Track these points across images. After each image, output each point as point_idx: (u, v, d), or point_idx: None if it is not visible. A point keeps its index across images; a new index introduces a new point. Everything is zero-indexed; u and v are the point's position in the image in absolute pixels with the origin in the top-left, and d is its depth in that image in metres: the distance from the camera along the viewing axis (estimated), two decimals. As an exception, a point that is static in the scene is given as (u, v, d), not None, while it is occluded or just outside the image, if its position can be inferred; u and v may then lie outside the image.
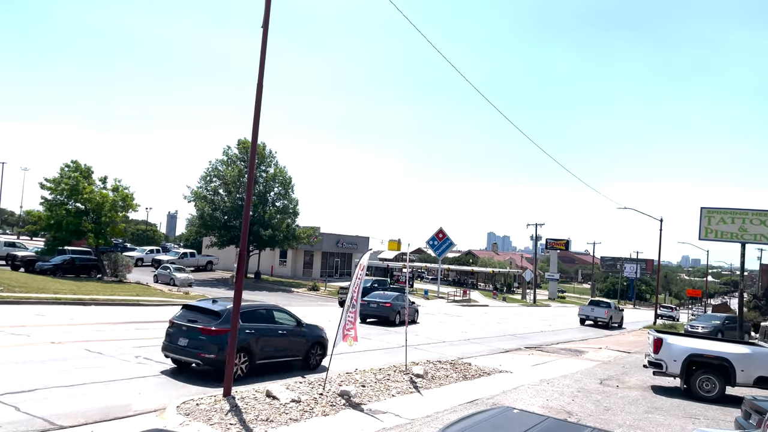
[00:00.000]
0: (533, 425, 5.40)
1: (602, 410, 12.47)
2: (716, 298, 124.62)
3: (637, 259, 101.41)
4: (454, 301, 54.07)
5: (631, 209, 47.87)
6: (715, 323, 34.54)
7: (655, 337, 15.75)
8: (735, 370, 14.67)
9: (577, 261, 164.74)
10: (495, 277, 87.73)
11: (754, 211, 28.84)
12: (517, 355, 21.22)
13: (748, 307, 63.34)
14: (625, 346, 27.45)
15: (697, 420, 12.37)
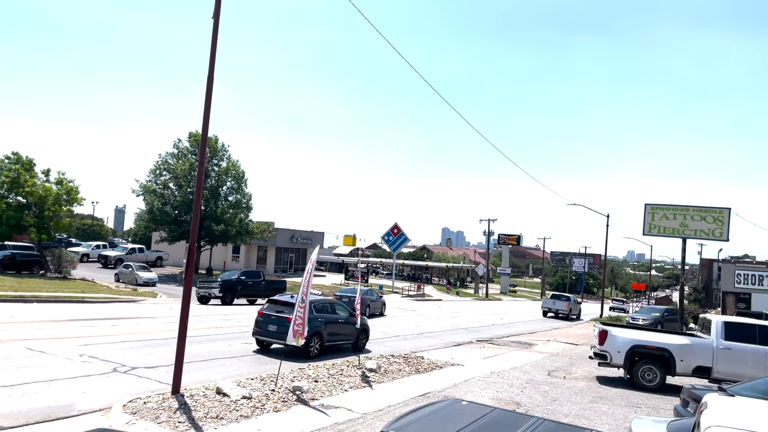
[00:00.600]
0: (480, 416, 5.52)
1: (550, 401, 12.81)
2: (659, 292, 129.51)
3: (585, 253, 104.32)
4: (409, 295, 54.46)
5: (580, 205, 49.16)
6: (655, 315, 35.95)
7: (601, 329, 16.27)
8: (675, 360, 15.31)
9: (528, 256, 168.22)
10: (449, 272, 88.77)
11: (695, 208, 30.00)
12: (469, 348, 21.57)
13: (688, 299, 66.16)
14: (573, 339, 28.26)
15: (639, 408, 12.85)
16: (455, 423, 5.16)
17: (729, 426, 4.01)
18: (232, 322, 23.41)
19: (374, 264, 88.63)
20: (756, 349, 14.99)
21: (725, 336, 15.35)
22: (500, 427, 5.19)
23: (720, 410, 4.43)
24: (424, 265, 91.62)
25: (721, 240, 29.22)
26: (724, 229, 29.40)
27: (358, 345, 18.72)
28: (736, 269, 41.46)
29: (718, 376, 14.89)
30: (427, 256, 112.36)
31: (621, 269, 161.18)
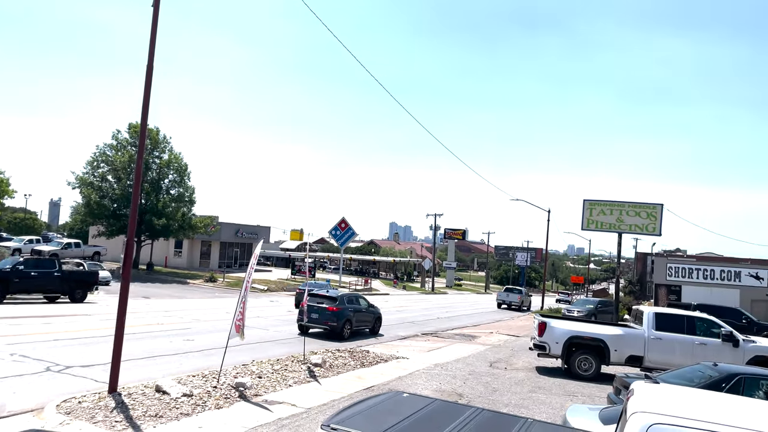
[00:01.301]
0: (421, 408, 5.62)
1: (491, 391, 13.14)
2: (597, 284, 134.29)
3: (527, 248, 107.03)
4: (356, 290, 54.56)
5: (523, 201, 50.47)
6: (589, 307, 37.30)
7: (540, 321, 16.78)
8: (609, 350, 15.96)
9: (473, 250, 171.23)
10: (396, 266, 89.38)
11: (630, 204, 31.25)
12: (414, 342, 21.82)
13: (624, 292, 68.95)
14: (515, 331, 29.01)
15: (575, 397, 13.35)
16: (396, 415, 5.24)
17: (651, 411, 4.22)
18: (174, 318, 22.88)
19: (322, 259, 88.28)
20: (684, 339, 15.81)
21: (656, 326, 16.10)
22: (439, 418, 5.31)
23: (645, 397, 4.66)
24: (372, 259, 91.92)
25: (654, 234, 30.50)
26: (657, 224, 30.70)
27: (375, 329, 23.53)
28: (668, 263, 43.50)
29: (650, 364, 15.62)
30: (375, 250, 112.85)
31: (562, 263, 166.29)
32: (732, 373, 9.98)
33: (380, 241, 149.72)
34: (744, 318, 28.06)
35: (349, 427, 4.81)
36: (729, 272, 39.30)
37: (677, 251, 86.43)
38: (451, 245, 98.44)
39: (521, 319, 38.09)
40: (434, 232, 79.78)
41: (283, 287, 46.12)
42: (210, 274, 47.36)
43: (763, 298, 36.19)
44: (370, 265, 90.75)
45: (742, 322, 26.57)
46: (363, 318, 22.77)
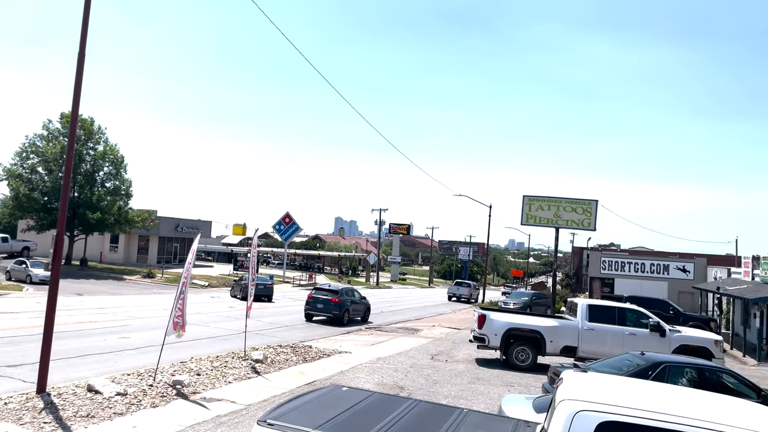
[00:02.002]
0: (360, 401, 5.67)
1: (431, 383, 13.35)
2: (536, 278, 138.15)
3: (470, 242, 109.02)
4: (300, 285, 54.17)
5: (465, 196, 51.25)
6: (524, 299, 38.40)
7: (480, 313, 17.15)
8: (545, 341, 16.49)
9: (418, 245, 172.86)
10: (341, 261, 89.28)
11: (567, 200, 32.23)
12: (358, 336, 21.89)
13: (561, 285, 71.22)
14: (456, 324, 29.53)
15: (512, 387, 13.73)
16: (334, 408, 5.27)
17: (578, 399, 4.40)
18: (109, 315, 22.11)
19: (265, 254, 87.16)
20: (615, 329, 16.51)
21: (589, 318, 16.74)
22: (377, 410, 5.37)
23: (572, 385, 4.85)
24: (317, 254, 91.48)
25: (589, 229, 31.58)
26: (592, 219, 31.77)
27: (365, 317, 28.07)
28: (602, 257, 45.26)
29: (583, 354, 16.23)
30: (320, 245, 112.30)
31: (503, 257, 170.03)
32: (658, 362, 10.51)
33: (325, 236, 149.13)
34: (671, 309, 29.53)
35: (286, 422, 4.80)
36: (658, 265, 41.25)
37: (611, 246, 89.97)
38: (395, 240, 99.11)
39: (463, 312, 38.77)
40: (379, 227, 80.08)
41: (224, 283, 45.27)
42: (148, 270, 45.95)
43: (689, 290, 38.16)
44: (314, 260, 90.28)
45: (670, 313, 27.95)
46: (357, 308, 27.44)
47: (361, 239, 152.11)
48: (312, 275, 62.43)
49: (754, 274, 27.67)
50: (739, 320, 29.57)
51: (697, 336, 16.64)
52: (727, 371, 10.86)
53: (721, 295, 30.92)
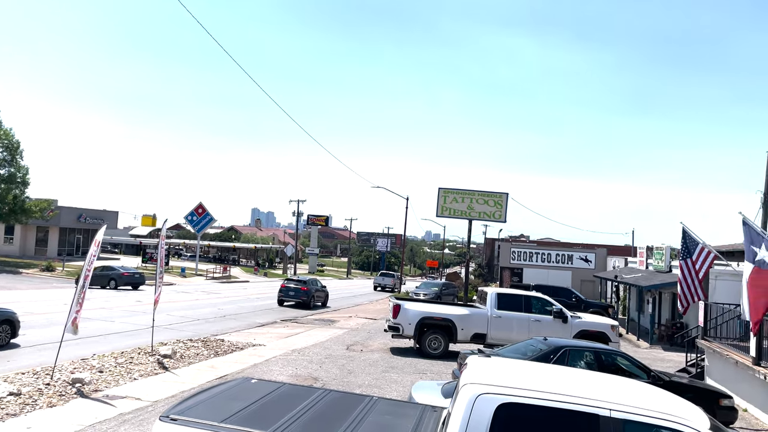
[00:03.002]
0: (269, 392, 5.62)
1: (346, 373, 13.44)
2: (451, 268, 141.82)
3: (388, 234, 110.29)
4: (213, 278, 52.73)
5: (383, 188, 51.75)
6: (434, 290, 39.36)
7: (395, 303, 17.42)
8: (457, 328, 17.00)
9: (336, 236, 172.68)
10: (257, 253, 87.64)
11: (480, 192, 33.21)
12: (273, 329, 21.64)
13: (474, 274, 73.54)
14: (372, 314, 29.83)
15: (425, 374, 14.07)
16: (242, 401, 5.20)
17: (480, 382, 4.59)
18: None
19: (177, 246, 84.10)
20: (521, 317, 17.28)
21: (498, 306, 17.42)
22: (287, 401, 5.35)
23: (475, 369, 5.05)
24: (232, 246, 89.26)
25: (500, 221, 32.71)
26: (503, 211, 32.91)
27: (325, 302, 33.78)
28: (511, 247, 47.13)
29: (492, 341, 16.86)
30: (235, 237, 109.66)
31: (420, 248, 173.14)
32: (559, 346, 11.10)
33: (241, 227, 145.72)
34: (574, 296, 31.27)
35: (191, 416, 4.68)
36: (563, 255, 43.50)
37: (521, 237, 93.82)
38: (314, 231, 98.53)
39: (380, 303, 39.20)
40: (297, 219, 79.32)
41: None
42: (47, 263, 43.12)
43: (590, 278, 40.51)
44: (229, 252, 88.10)
45: (572, 301, 29.60)
46: (319, 294, 33.44)
47: (278, 231, 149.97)
48: (227, 267, 60.92)
49: (648, 263, 29.75)
50: (634, 306, 31.78)
51: (596, 322, 17.73)
52: (621, 354, 11.64)
53: (619, 283, 33.07)
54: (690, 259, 13.80)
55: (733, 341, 15.03)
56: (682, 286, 13.84)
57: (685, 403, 4.79)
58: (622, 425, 4.23)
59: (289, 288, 31.86)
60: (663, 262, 26.94)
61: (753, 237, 10.20)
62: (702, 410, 4.88)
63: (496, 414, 4.34)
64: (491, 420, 4.31)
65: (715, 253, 13.54)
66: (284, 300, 31.65)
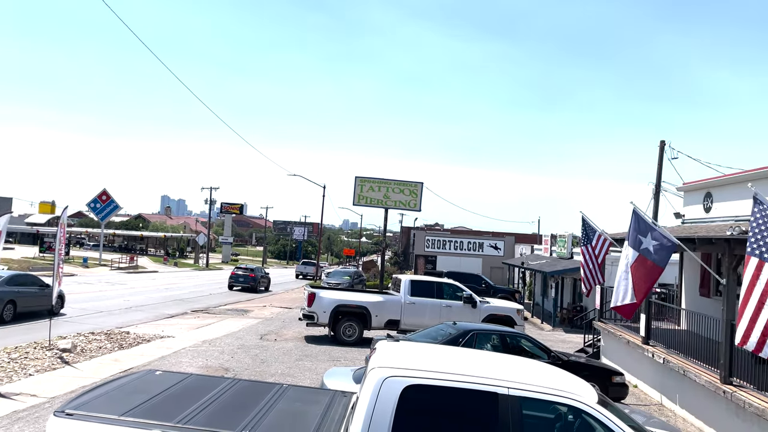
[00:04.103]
0: (174, 384, 5.48)
1: (259, 363, 13.29)
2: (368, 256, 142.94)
3: (305, 222, 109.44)
4: (119, 268, 50.30)
5: (300, 176, 51.19)
6: (346, 278, 39.59)
7: (310, 292, 17.38)
8: (371, 315, 17.22)
9: (252, 225, 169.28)
10: (167, 242, 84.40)
11: (395, 181, 33.58)
12: (182, 320, 20.99)
13: (390, 263, 74.52)
14: (288, 303, 29.60)
15: (339, 362, 14.16)
16: (145, 393, 5.04)
17: (387, 366, 4.70)
18: None
19: (79, 234, 79.46)
20: (433, 302, 17.75)
21: (411, 292, 17.80)
22: (193, 393, 5.23)
23: (384, 354, 5.16)
24: (139, 235, 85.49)
25: (415, 210, 33.25)
26: (418, 200, 33.45)
27: (267, 287, 39.27)
28: (426, 236, 48.16)
29: (405, 326, 17.21)
30: (143, 225, 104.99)
31: (337, 237, 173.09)
32: (467, 330, 11.52)
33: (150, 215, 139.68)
34: (483, 282, 32.45)
35: (89, 410, 4.50)
36: (474, 243, 44.99)
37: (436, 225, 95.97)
38: (228, 220, 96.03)
39: (295, 292, 38.92)
40: (210, 206, 76.90)
41: (28, 267, 40.45)
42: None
43: (499, 265, 42.17)
44: (137, 241, 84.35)
45: (482, 286, 30.70)
46: (263, 280, 38.58)
47: (190, 219, 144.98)
48: (133, 257, 58.30)
49: (552, 250, 31.36)
50: (539, 291, 33.42)
51: (503, 306, 18.52)
52: (525, 336, 12.24)
53: (525, 270, 34.64)
54: (590, 246, 14.66)
55: (625, 323, 16.17)
56: (585, 271, 14.68)
57: (577, 380, 5.13)
58: (518, 402, 4.48)
59: (239, 275, 36.88)
60: (565, 249, 28.49)
61: (641, 226, 10.97)
62: (592, 386, 5.26)
63: (403, 396, 4.46)
64: (397, 402, 4.43)
65: (610, 240, 14.46)
66: (234, 285, 36.39)
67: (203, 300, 29.03)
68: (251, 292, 35.77)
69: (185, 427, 4.33)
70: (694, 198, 16.87)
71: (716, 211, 15.49)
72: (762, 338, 7.39)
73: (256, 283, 37.00)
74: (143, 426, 4.25)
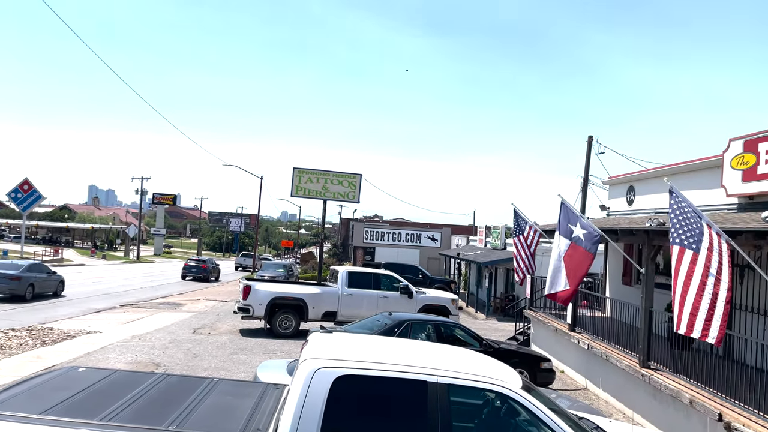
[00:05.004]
0: (98, 380, 5.30)
1: (191, 357, 13.01)
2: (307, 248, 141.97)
3: (242, 214, 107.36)
4: (43, 261, 47.84)
5: (236, 166, 50.10)
6: (280, 271, 39.26)
7: (245, 284, 17.13)
8: (308, 307, 17.14)
9: (186, 216, 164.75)
10: (95, 234, 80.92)
11: (334, 173, 33.33)
12: (111, 314, 20.24)
13: (329, 254, 74.33)
14: (223, 296, 29.06)
15: (275, 354, 14.05)
16: (67, 390, 4.87)
17: (319, 357, 4.72)
18: None
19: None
20: (370, 293, 17.86)
21: (348, 284, 17.85)
22: (117, 389, 5.08)
23: (316, 345, 5.17)
24: (65, 226, 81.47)
25: (354, 202, 33.07)
26: (357, 192, 33.31)
27: (217, 277, 41.56)
28: (365, 227, 48.27)
29: (342, 318, 17.24)
30: (69, 216, 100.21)
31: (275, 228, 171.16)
32: (402, 320, 11.68)
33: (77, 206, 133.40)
34: (420, 273, 32.90)
35: (5, 409, 4.30)
36: (412, 235, 45.48)
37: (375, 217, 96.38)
38: (160, 211, 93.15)
39: (231, 285, 38.22)
40: (141, 197, 74.23)
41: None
42: None
43: (436, 256, 42.84)
44: (62, 232, 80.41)
45: (419, 277, 31.13)
46: (215, 271, 41.74)
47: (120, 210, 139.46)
48: (58, 250, 55.62)
49: (487, 241, 32.13)
50: (474, 281, 34.21)
51: (438, 296, 18.87)
52: (458, 325, 12.52)
53: (461, 260, 35.35)
54: (522, 236, 15.12)
55: (554, 311, 16.82)
56: (518, 261, 15.14)
57: (503, 367, 5.31)
58: (446, 389, 4.60)
59: (191, 266, 40.14)
60: (499, 240, 29.26)
61: (570, 216, 11.44)
62: (519, 372, 5.46)
63: (334, 386, 4.49)
64: (328, 393, 4.46)
65: (540, 232, 14.97)
66: (187, 275, 39.41)
67: (133, 294, 28.07)
68: (203, 281, 38.80)
69: (108, 424, 4.21)
70: (619, 191, 17.68)
71: (638, 203, 16.30)
72: (691, 318, 7.72)
73: (208, 274, 39.90)
74: (63, 424, 4.11)
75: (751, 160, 10.92)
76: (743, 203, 11.49)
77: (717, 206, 12.06)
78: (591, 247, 10.79)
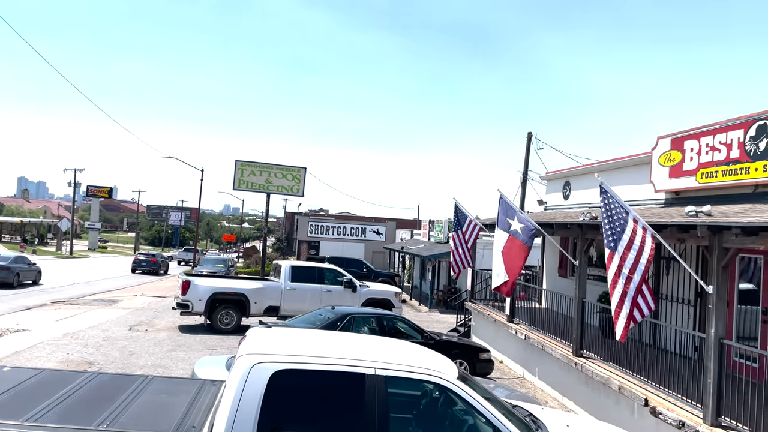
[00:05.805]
0: (24, 380, 5.10)
1: (127, 355, 12.63)
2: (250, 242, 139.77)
3: (182, 207, 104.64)
4: (-34, 257, 45.22)
5: (175, 158, 48.66)
6: (220, 266, 38.56)
7: (184, 279, 16.75)
8: (250, 302, 16.92)
9: (123, 209, 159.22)
10: (25, 228, 77.18)
11: (278, 166, 33.05)
12: (41, 312, 19.37)
13: (273, 248, 73.47)
14: (162, 292, 28.28)
15: (215, 350, 13.81)
16: (-11, 391, 4.65)
17: (256, 353, 4.68)
18: None
19: None
20: (314, 288, 17.80)
21: (292, 278, 17.71)
22: (46, 388, 4.91)
23: (254, 340, 5.13)
24: (-9, 220, 77.35)
25: (298, 195, 33.03)
26: (301, 185, 33.26)
27: (167, 270, 43.41)
28: (309, 221, 47.94)
29: (285, 312, 17.08)
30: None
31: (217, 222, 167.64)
32: (345, 314, 11.70)
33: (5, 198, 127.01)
34: (365, 267, 33.00)
35: None
36: (357, 229, 45.51)
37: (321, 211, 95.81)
38: (95, 204, 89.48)
39: (169, 280, 37.25)
40: (74, 189, 71.21)
41: None
42: None
43: (381, 250, 43.04)
44: (-12, 226, 76.24)
45: (364, 271, 31.23)
46: (164, 264, 43.20)
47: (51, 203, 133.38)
48: (-16, 245, 52.71)
49: (430, 235, 32.52)
50: (417, 275, 34.58)
51: (381, 290, 18.99)
52: (400, 318, 12.66)
53: (405, 254, 35.67)
54: (461, 231, 15.39)
55: (494, 302, 17.23)
56: (454, 255, 15.39)
57: (440, 358, 5.42)
58: (384, 381, 4.66)
59: (141, 260, 41.58)
60: (442, 234, 29.67)
61: (508, 210, 11.74)
62: (456, 363, 5.58)
63: (271, 381, 4.47)
64: (265, 387, 4.43)
65: (480, 226, 15.27)
66: (137, 269, 40.69)
67: (66, 290, 26.95)
68: (153, 275, 39.99)
69: (34, 425, 4.07)
70: (555, 186, 18.24)
71: (573, 198, 16.87)
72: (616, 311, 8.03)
73: (158, 267, 41.31)
74: (-15, 426, 3.93)
75: (677, 158, 11.49)
76: (670, 198, 12.08)
77: (646, 201, 12.64)
78: (527, 240, 11.11)
